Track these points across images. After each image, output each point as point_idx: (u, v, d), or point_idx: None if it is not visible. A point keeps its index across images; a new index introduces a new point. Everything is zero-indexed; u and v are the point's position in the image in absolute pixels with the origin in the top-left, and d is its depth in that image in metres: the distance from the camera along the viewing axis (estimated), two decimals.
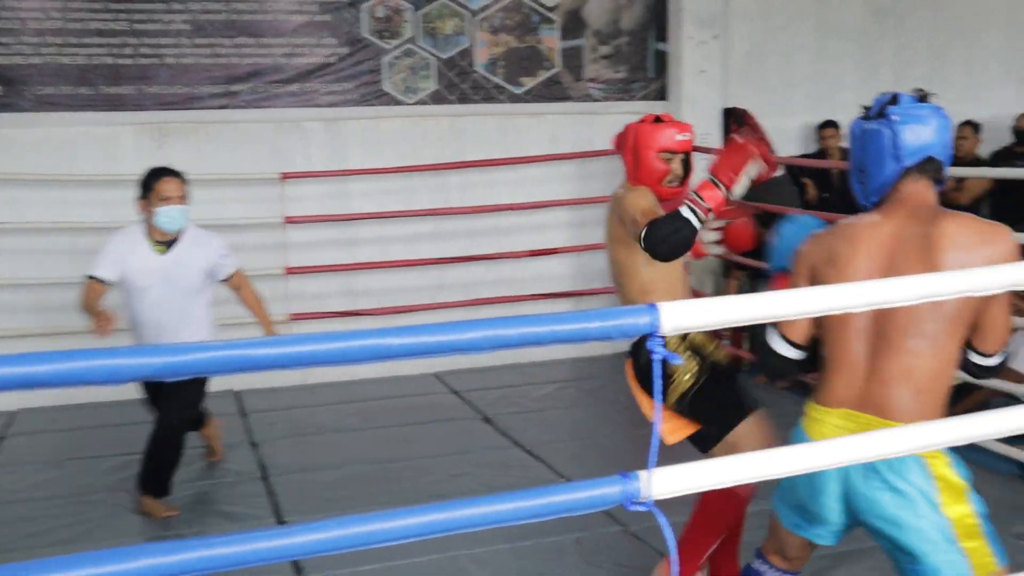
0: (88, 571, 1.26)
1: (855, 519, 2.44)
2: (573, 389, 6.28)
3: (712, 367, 3.34)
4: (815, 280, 2.45)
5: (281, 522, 4.36)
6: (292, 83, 6.47)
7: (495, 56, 6.88)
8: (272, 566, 3.53)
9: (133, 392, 6.09)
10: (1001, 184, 7.18)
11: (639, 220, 3.14)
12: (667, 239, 3.01)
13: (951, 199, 7.16)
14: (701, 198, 3.02)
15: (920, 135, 2.40)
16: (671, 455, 3.05)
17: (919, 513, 2.31)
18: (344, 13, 6.53)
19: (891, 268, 2.32)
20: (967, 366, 2.45)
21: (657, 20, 7.18)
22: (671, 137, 3.38)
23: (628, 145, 3.43)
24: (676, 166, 3.41)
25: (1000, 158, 7.62)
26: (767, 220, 6.73)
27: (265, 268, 6.39)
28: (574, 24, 7.03)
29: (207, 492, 4.72)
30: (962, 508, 2.32)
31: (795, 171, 7.33)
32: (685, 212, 3.00)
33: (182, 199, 4.47)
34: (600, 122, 7.06)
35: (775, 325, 2.54)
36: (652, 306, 1.65)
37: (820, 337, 2.51)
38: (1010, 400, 4.96)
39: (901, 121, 2.40)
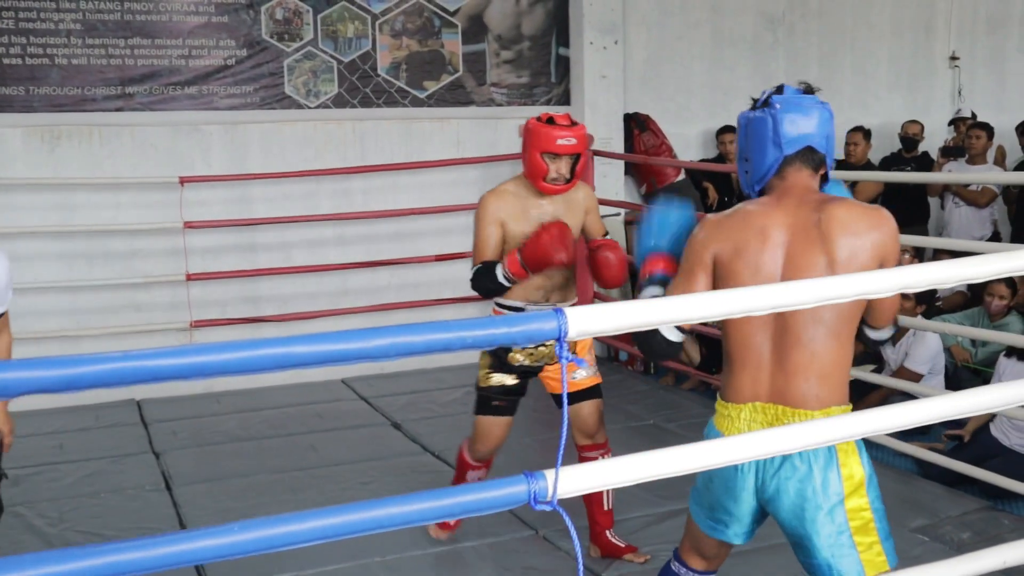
0: None
1: (764, 510, 2.48)
2: None
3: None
4: (721, 269, 2.41)
5: None
6: (190, 85, 6.30)
7: (397, 60, 6.81)
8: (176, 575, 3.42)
9: (27, 403, 5.87)
10: (890, 189, 7.41)
11: (475, 254, 3.67)
12: (480, 289, 3.62)
13: None
14: (508, 268, 3.52)
15: (800, 125, 2.41)
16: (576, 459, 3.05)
17: (819, 505, 2.33)
18: (242, 15, 6.39)
19: (793, 256, 2.35)
20: (861, 336, 2.52)
21: (559, 25, 7.21)
22: (552, 140, 3.52)
23: (523, 140, 3.64)
24: (560, 166, 3.57)
25: (889, 163, 7.86)
26: None
27: (165, 274, 6.23)
28: (476, 29, 7.01)
29: (108, 503, 4.56)
30: (859, 500, 2.36)
31: (696, 175, 7.44)
32: (499, 275, 3.53)
33: None
34: (504, 126, 7.06)
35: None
36: (559, 311, 1.65)
37: (721, 333, 2.52)
38: (908, 399, 5.11)
39: (783, 109, 2.41)
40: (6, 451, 3.25)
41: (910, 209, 7.63)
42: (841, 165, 7.45)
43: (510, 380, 3.72)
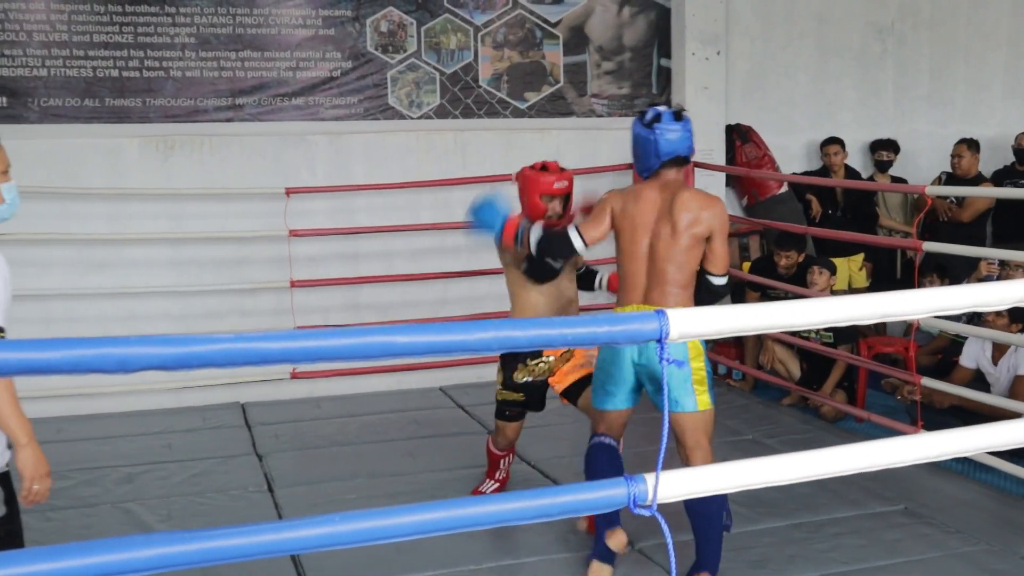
0: (97, 559, 1.22)
1: (639, 382, 3.68)
2: None
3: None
4: (614, 219, 3.73)
5: None
6: (297, 97, 6.46)
7: (499, 71, 6.86)
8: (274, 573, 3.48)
9: (138, 404, 6.08)
10: (1002, 202, 7.15)
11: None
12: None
13: (954, 215, 7.13)
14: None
15: (671, 142, 3.62)
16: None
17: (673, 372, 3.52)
18: (348, 27, 6.52)
19: (657, 218, 3.63)
20: (708, 285, 3.73)
21: (660, 36, 7.17)
22: (550, 185, 4.26)
23: (520, 186, 4.34)
24: (555, 205, 4.29)
25: (1002, 176, 7.59)
26: (772, 237, 6.71)
27: (270, 281, 6.38)
28: (577, 40, 7.02)
29: (213, 503, 4.67)
30: (698, 364, 3.57)
31: (799, 188, 7.30)
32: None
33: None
34: (604, 138, 7.04)
35: (576, 228, 3.83)
36: (660, 312, 1.65)
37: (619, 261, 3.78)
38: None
39: (660, 134, 3.61)
40: (30, 501, 2.81)
41: (1022, 222, 7.36)
42: (948, 178, 7.24)
43: (517, 397, 4.46)
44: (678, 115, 3.67)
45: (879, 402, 6.04)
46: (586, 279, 4.58)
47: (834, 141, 7.26)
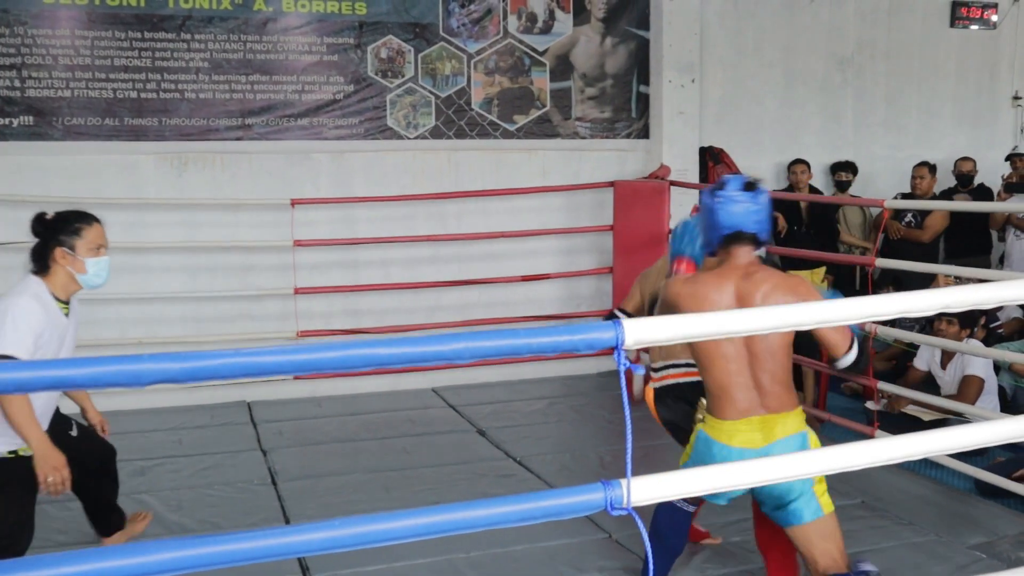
0: (107, 564, 1.20)
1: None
2: (561, 405, 6.22)
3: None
4: (675, 309, 2.97)
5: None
6: (302, 117, 6.44)
7: (490, 96, 6.86)
8: (278, 564, 3.46)
9: (151, 402, 6.04)
10: (954, 222, 7.18)
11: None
12: None
13: (914, 236, 7.14)
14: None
15: (733, 215, 2.93)
16: (652, 466, 3.00)
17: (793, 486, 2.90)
18: (351, 54, 6.51)
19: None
20: (835, 367, 3.07)
21: (640, 65, 7.18)
22: None
23: None
24: None
25: (947, 197, 7.62)
26: None
27: (275, 288, 6.35)
28: (563, 67, 7.03)
29: (220, 495, 4.64)
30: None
31: None
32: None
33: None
34: (587, 158, 7.05)
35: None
36: (616, 322, 1.65)
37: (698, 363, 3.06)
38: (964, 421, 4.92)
39: (720, 203, 2.95)
40: (50, 492, 3.25)
41: (973, 240, 7.39)
42: (907, 198, 7.26)
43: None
44: (750, 185, 2.97)
45: (839, 404, 6.05)
46: None
47: (800, 161, 7.28)
